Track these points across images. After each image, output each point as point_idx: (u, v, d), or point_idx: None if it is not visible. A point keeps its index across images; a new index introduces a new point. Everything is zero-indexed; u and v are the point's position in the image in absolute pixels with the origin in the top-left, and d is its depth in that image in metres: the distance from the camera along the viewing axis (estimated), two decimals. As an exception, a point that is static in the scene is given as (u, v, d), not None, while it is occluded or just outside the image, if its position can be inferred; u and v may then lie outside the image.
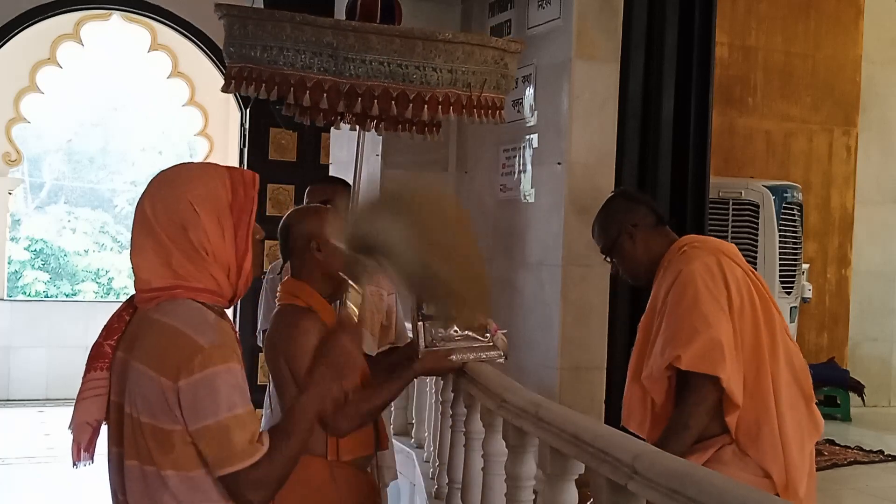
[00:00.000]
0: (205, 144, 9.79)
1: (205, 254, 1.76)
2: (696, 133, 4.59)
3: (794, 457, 2.43)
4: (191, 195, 1.76)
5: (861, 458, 5.54)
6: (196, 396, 1.65)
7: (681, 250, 2.58)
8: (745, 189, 5.80)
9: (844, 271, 7.44)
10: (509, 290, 4.82)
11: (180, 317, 1.72)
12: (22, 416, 8.11)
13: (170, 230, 1.75)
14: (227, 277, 1.80)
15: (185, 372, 1.66)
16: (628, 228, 2.67)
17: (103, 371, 1.79)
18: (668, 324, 2.46)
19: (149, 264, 1.77)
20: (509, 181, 4.88)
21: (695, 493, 1.55)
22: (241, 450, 1.67)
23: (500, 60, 2.92)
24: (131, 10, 7.82)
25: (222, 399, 1.66)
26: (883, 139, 7.61)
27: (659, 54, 4.56)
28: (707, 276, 2.45)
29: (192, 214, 1.75)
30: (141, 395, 1.69)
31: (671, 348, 2.41)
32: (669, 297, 2.48)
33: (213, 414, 1.65)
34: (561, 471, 2.06)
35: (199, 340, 1.68)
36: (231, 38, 2.93)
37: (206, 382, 1.66)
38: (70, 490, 5.65)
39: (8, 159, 9.13)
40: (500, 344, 2.74)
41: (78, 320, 9.10)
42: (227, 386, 1.67)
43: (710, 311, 2.41)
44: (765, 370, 2.46)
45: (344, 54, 2.73)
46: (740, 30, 6.97)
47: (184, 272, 1.75)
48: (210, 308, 1.78)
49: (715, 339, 2.38)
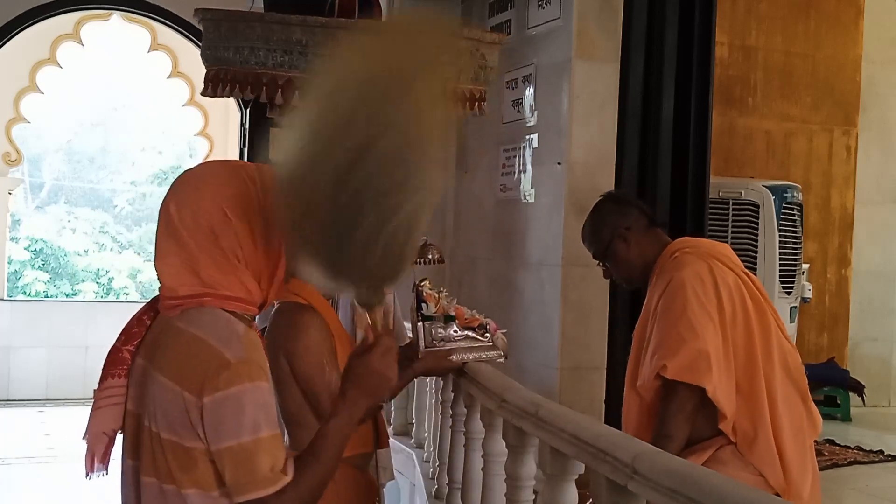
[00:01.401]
0: (205, 144, 9.79)
1: (236, 261, 1.64)
2: (696, 133, 4.59)
3: (792, 460, 2.43)
4: (221, 197, 1.63)
5: (861, 458, 5.54)
6: (220, 415, 1.55)
7: (672, 255, 2.56)
8: (745, 189, 5.80)
9: (844, 271, 7.44)
10: (509, 290, 4.82)
11: (206, 327, 1.61)
12: (22, 416, 8.10)
13: (198, 236, 1.63)
14: (259, 285, 1.68)
15: (210, 388, 1.54)
16: (621, 232, 2.64)
17: (121, 378, 1.68)
18: (656, 332, 2.45)
19: (174, 270, 1.64)
20: (509, 181, 4.88)
21: (695, 493, 1.55)
22: (264, 477, 1.56)
23: (475, 51, 2.91)
24: (131, 10, 7.82)
25: (247, 420, 1.55)
26: (883, 139, 7.61)
27: (659, 54, 4.57)
28: (697, 284, 2.43)
29: (223, 219, 1.62)
30: (162, 409, 1.59)
31: (658, 357, 2.40)
32: (660, 304, 2.47)
33: (237, 435, 1.54)
34: (561, 471, 2.06)
35: (227, 354, 1.57)
36: (207, 41, 2.96)
37: (232, 401, 1.54)
38: (70, 490, 5.65)
39: (8, 159, 9.12)
40: (499, 344, 2.74)
41: (78, 320, 9.10)
42: (253, 405, 1.55)
43: (698, 320, 2.39)
44: (759, 374, 2.44)
45: (313, 51, 2.74)
46: (740, 30, 6.97)
47: (212, 281, 1.63)
48: (239, 317, 1.66)
49: (701, 350, 2.36)
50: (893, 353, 7.67)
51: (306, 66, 2.75)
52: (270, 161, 1.70)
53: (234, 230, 1.62)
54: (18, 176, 10.69)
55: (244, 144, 7.32)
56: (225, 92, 2.89)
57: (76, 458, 1.78)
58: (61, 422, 7.48)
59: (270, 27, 2.77)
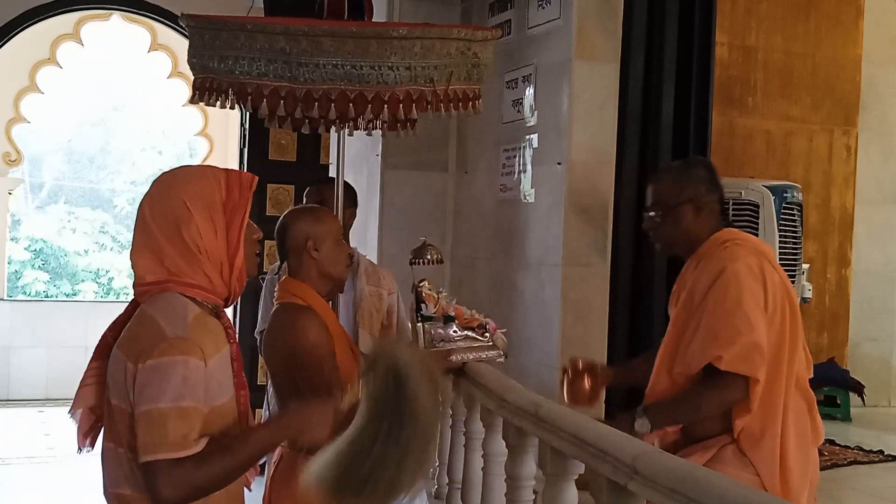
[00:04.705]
0: (205, 144, 9.78)
1: (197, 251, 1.81)
2: (696, 133, 4.59)
3: (794, 468, 2.44)
4: (185, 194, 1.82)
5: (861, 458, 5.55)
6: (146, 380, 1.68)
7: (723, 244, 2.53)
8: (745, 189, 5.79)
9: (844, 271, 7.44)
10: (509, 290, 4.82)
11: (160, 309, 1.77)
12: (22, 416, 8.10)
13: (164, 228, 1.80)
14: (220, 275, 1.84)
15: (144, 356, 1.69)
16: (698, 201, 2.56)
17: (101, 360, 1.85)
18: (709, 323, 2.43)
19: (144, 261, 1.82)
20: (509, 181, 4.88)
21: (695, 493, 1.55)
22: (173, 440, 1.66)
23: (466, 51, 2.87)
24: (131, 10, 7.82)
25: (170, 387, 1.67)
26: (883, 139, 7.61)
27: (659, 54, 4.57)
28: (751, 278, 2.42)
29: (186, 213, 1.80)
30: (112, 378, 1.76)
31: (713, 348, 2.39)
32: (711, 293, 2.44)
33: (156, 400, 1.66)
34: (561, 471, 2.07)
35: (166, 330, 1.72)
36: (193, 49, 2.94)
37: (160, 369, 1.68)
38: (70, 490, 5.64)
39: (8, 159, 9.12)
40: (499, 343, 2.74)
41: (78, 320, 9.09)
42: (178, 377, 1.68)
43: (754, 313, 2.39)
44: (780, 379, 2.45)
45: (297, 59, 2.71)
46: (740, 30, 6.97)
47: (176, 269, 1.80)
48: (199, 304, 1.82)
49: (757, 343, 2.37)
50: (893, 353, 7.67)
51: (290, 75, 2.73)
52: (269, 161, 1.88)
53: (195, 223, 1.81)
54: (18, 176, 10.68)
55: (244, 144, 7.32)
56: (212, 101, 2.87)
57: (76, 459, 1.81)
58: (61, 422, 7.43)
59: (254, 36, 2.75)
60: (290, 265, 2.55)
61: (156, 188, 1.87)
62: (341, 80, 2.73)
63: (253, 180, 1.89)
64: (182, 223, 1.80)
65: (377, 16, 3.44)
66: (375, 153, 5.38)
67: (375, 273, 3.54)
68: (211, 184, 1.85)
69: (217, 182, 1.85)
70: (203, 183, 1.85)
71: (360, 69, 2.74)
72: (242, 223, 1.85)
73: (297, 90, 2.75)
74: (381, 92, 2.75)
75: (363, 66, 2.74)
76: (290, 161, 7.06)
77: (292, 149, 7.14)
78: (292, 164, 7.03)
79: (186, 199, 1.81)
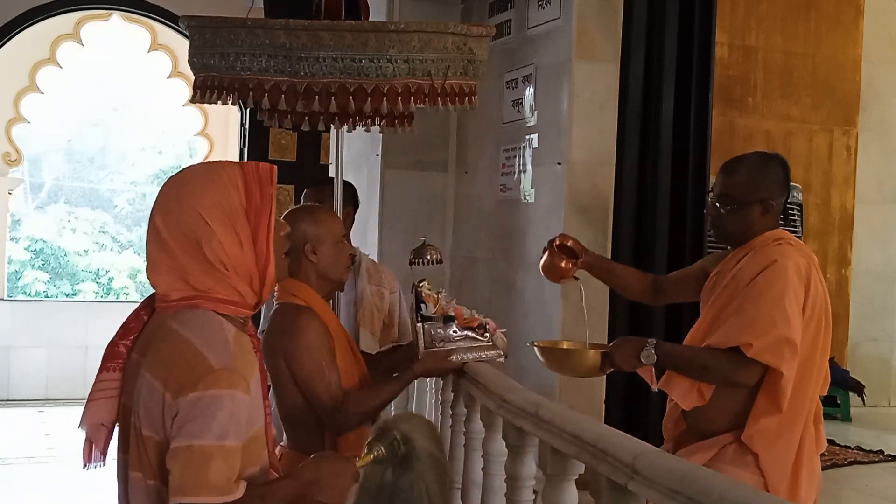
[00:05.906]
0: (205, 144, 9.79)
1: (223, 268, 1.66)
2: (696, 133, 4.59)
3: (804, 477, 2.45)
4: (201, 206, 1.65)
5: (861, 458, 5.54)
6: (190, 414, 1.55)
7: (776, 241, 2.55)
8: (745, 189, 5.79)
9: (844, 271, 7.44)
10: (509, 290, 4.82)
11: (196, 330, 1.63)
12: (22, 416, 8.09)
13: (184, 246, 1.66)
14: (250, 286, 1.70)
15: (188, 389, 1.57)
16: (768, 203, 2.56)
17: (116, 372, 1.71)
18: (746, 308, 2.43)
19: (166, 280, 1.68)
20: (509, 181, 4.88)
21: (695, 493, 1.55)
22: (215, 483, 1.54)
23: (462, 46, 2.90)
24: (131, 10, 7.83)
25: (216, 425, 1.55)
26: (883, 139, 7.61)
27: (659, 54, 4.57)
28: (796, 278, 2.44)
29: (205, 228, 1.65)
30: (145, 406, 1.62)
31: (746, 335, 2.39)
32: (757, 281, 2.45)
33: (200, 436, 1.54)
34: (561, 471, 2.06)
35: (211, 360, 1.59)
36: (193, 48, 2.96)
37: (206, 403, 1.56)
38: (70, 490, 5.64)
39: (8, 159, 9.11)
40: (499, 343, 2.74)
41: (78, 320, 9.09)
42: (225, 413, 1.56)
43: (793, 310, 2.40)
44: (808, 386, 2.47)
45: (297, 54, 2.74)
46: (740, 30, 6.96)
47: (203, 286, 1.67)
48: (232, 320, 1.69)
49: (790, 339, 2.38)
50: (893, 353, 7.67)
51: (290, 70, 2.75)
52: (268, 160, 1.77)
53: (217, 238, 1.65)
54: (18, 176, 10.67)
55: (244, 144, 7.33)
56: (213, 98, 2.88)
57: (76, 458, 1.79)
58: (61, 422, 7.47)
59: (254, 32, 2.77)
60: (290, 266, 2.55)
61: (166, 199, 1.70)
62: (341, 73, 2.76)
63: (273, 171, 1.72)
64: (203, 240, 1.64)
65: (376, 16, 3.44)
66: (375, 153, 5.38)
67: (377, 272, 3.53)
68: (228, 189, 1.67)
69: (234, 186, 1.68)
70: (219, 190, 1.67)
71: (360, 62, 2.77)
72: (269, 227, 1.69)
73: (297, 84, 2.78)
74: (380, 85, 2.77)
75: (362, 59, 2.77)
76: (290, 161, 7.07)
77: (292, 149, 7.14)
78: (292, 164, 7.04)
79: (203, 211, 1.65)
